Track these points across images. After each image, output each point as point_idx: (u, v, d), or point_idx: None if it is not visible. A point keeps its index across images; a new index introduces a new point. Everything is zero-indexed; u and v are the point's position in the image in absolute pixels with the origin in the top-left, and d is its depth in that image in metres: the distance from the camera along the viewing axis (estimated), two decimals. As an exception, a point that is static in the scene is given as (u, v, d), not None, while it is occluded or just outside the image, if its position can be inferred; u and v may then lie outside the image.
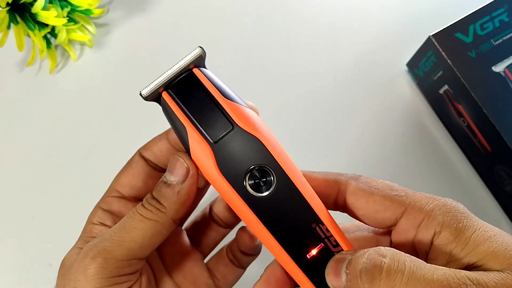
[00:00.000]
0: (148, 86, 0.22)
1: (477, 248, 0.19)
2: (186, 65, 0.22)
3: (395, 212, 0.21)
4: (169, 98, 0.22)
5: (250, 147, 0.21)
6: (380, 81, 0.44)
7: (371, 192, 0.22)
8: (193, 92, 0.22)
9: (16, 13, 0.41)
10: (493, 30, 0.37)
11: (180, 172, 0.22)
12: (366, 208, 0.22)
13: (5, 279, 0.39)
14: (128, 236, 0.22)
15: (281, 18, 0.47)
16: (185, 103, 0.22)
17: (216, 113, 0.22)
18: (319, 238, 0.21)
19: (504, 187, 0.38)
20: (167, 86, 0.22)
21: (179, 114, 0.22)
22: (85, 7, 0.44)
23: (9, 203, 0.41)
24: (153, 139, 0.27)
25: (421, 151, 0.42)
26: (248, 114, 0.22)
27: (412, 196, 0.21)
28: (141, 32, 0.47)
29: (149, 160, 0.27)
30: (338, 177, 0.23)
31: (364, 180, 0.22)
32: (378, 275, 0.18)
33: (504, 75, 0.37)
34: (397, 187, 0.22)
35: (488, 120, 0.36)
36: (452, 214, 0.20)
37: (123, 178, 0.27)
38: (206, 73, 0.23)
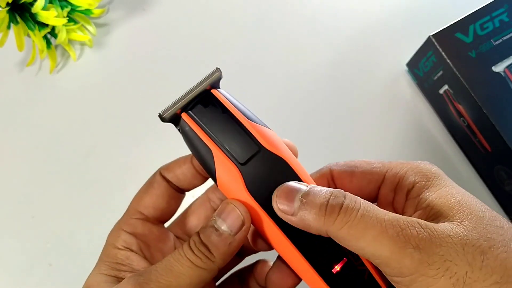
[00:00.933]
0: (168, 108, 0.22)
1: (435, 202, 0.20)
2: (205, 86, 0.22)
3: (377, 182, 0.23)
4: (190, 119, 0.22)
5: (276, 168, 0.22)
6: (380, 81, 0.44)
7: (351, 171, 0.23)
8: (214, 113, 0.22)
9: (16, 13, 0.41)
10: (493, 30, 0.37)
11: (235, 224, 0.21)
12: (351, 187, 0.23)
13: (5, 279, 0.39)
14: (175, 282, 0.21)
15: (280, 18, 0.47)
16: (208, 124, 0.22)
17: (242, 135, 0.22)
18: (342, 253, 0.22)
19: (504, 187, 0.38)
20: (186, 107, 0.22)
21: (203, 136, 0.22)
22: (85, 7, 0.44)
23: (9, 203, 0.41)
24: (176, 161, 0.27)
25: (421, 151, 0.42)
26: (271, 135, 0.22)
27: (388, 165, 0.23)
28: (141, 32, 0.47)
29: (170, 181, 0.26)
30: (322, 170, 0.24)
31: (343, 163, 0.24)
32: (337, 210, 0.19)
33: (504, 75, 0.36)
34: (373, 161, 0.23)
35: (488, 120, 0.36)
36: (423, 173, 0.21)
37: (146, 199, 0.26)
38: (225, 94, 0.23)
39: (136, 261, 0.24)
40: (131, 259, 0.24)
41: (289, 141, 0.24)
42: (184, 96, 0.22)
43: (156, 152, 0.42)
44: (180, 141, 0.44)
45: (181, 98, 0.22)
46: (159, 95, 0.44)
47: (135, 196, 0.27)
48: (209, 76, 0.22)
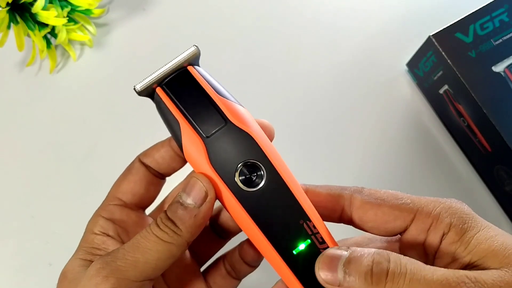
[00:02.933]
0: (142, 81, 0.23)
1: (478, 247, 0.20)
2: (181, 63, 0.23)
3: (405, 220, 0.21)
4: (163, 93, 0.22)
5: (242, 142, 0.22)
6: (380, 81, 0.44)
7: (378, 204, 0.22)
8: (187, 88, 0.22)
9: (16, 13, 0.41)
10: (493, 30, 0.37)
11: (198, 195, 0.21)
12: (375, 221, 0.22)
13: (5, 279, 0.39)
14: (142, 258, 0.21)
15: (280, 18, 0.47)
16: (179, 98, 0.22)
17: (210, 109, 0.22)
18: (306, 235, 0.21)
19: (504, 187, 0.38)
20: (161, 82, 0.23)
21: (172, 108, 0.22)
22: (85, 7, 0.44)
23: (9, 203, 0.41)
24: (154, 146, 0.27)
25: (421, 151, 0.42)
26: (240, 111, 0.22)
27: (418, 201, 0.22)
28: (141, 32, 0.47)
29: (149, 167, 0.26)
30: (341, 191, 0.23)
31: (368, 192, 0.23)
32: (384, 278, 0.18)
33: (504, 75, 0.36)
34: (401, 195, 0.22)
35: (488, 120, 0.35)
36: (458, 215, 0.21)
37: (124, 185, 0.26)
38: (200, 71, 0.23)
39: (112, 246, 0.24)
40: (107, 243, 0.24)
41: (265, 120, 0.24)
42: (159, 71, 0.23)
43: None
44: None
45: (156, 73, 0.23)
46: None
47: (114, 183, 0.27)
48: (186, 52, 0.23)
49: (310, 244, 0.21)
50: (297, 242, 0.21)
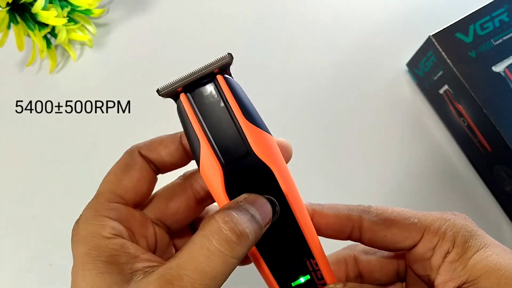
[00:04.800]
0: (168, 84, 0.21)
1: (474, 267, 0.21)
2: (211, 69, 0.21)
3: (414, 240, 0.22)
4: (187, 102, 0.21)
5: (261, 177, 0.21)
6: (380, 81, 0.44)
7: (387, 225, 0.22)
8: (213, 102, 0.21)
9: (16, 13, 0.41)
10: (493, 30, 0.37)
11: (266, 218, 0.20)
12: (385, 241, 0.23)
13: (5, 279, 0.39)
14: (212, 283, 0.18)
15: (280, 18, 0.47)
16: (203, 112, 0.21)
17: (234, 133, 0.21)
18: (306, 271, 0.22)
19: (504, 187, 0.38)
20: (187, 87, 0.21)
21: (194, 123, 0.21)
22: (85, 7, 0.44)
23: (9, 203, 0.41)
24: (159, 140, 0.25)
25: (421, 151, 0.42)
26: (266, 141, 0.21)
27: (425, 220, 0.22)
28: (141, 32, 0.47)
29: (151, 162, 0.25)
30: (349, 213, 0.23)
31: (376, 212, 0.23)
32: None
33: (504, 75, 0.37)
34: (408, 214, 0.23)
35: (488, 120, 0.36)
36: (461, 234, 0.22)
37: (126, 182, 0.24)
38: (230, 83, 0.21)
39: (133, 248, 0.21)
40: (127, 247, 0.21)
41: (284, 140, 0.23)
42: (187, 76, 0.21)
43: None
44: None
45: (184, 77, 0.21)
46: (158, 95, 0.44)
47: (109, 178, 0.24)
48: (218, 60, 0.21)
49: (309, 279, 0.22)
50: (297, 275, 0.22)
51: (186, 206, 0.25)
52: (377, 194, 0.40)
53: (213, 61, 0.21)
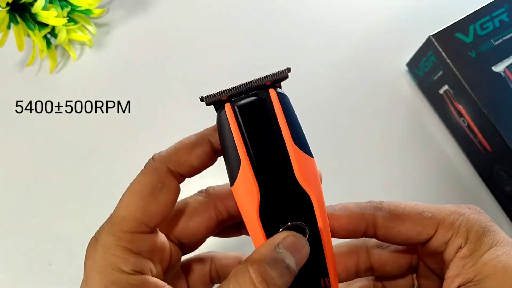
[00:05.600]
0: (214, 93, 0.19)
1: (483, 267, 0.21)
2: (264, 81, 0.20)
3: (428, 234, 0.22)
4: (231, 113, 0.19)
5: (300, 204, 0.20)
6: (380, 81, 0.44)
7: (401, 220, 0.22)
8: (262, 118, 0.19)
9: (16, 13, 0.41)
10: (493, 30, 0.37)
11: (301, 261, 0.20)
12: (399, 237, 0.22)
13: (5, 279, 0.39)
14: None
15: (280, 18, 0.47)
16: (248, 128, 0.19)
17: (280, 157, 0.19)
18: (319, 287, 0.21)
19: (504, 187, 0.38)
20: (234, 97, 0.20)
21: (237, 139, 0.19)
22: (85, 7, 0.44)
23: (9, 203, 0.41)
24: (188, 147, 0.22)
25: (421, 151, 0.42)
26: (310, 168, 0.20)
27: (439, 213, 0.22)
28: (141, 32, 0.47)
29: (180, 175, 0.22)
30: (361, 212, 0.23)
31: (388, 208, 0.22)
32: None
33: (504, 75, 0.36)
34: (422, 208, 0.22)
35: (488, 120, 0.35)
36: (475, 230, 0.21)
37: (154, 208, 0.21)
38: (283, 100, 0.20)
39: (153, 285, 0.20)
40: (146, 284, 0.20)
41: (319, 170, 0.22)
42: (237, 86, 0.19)
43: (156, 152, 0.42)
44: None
45: (233, 87, 0.19)
46: (159, 95, 0.44)
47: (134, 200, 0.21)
48: (274, 73, 0.19)
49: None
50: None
51: (207, 227, 0.24)
52: (377, 194, 0.40)
53: (269, 74, 0.19)
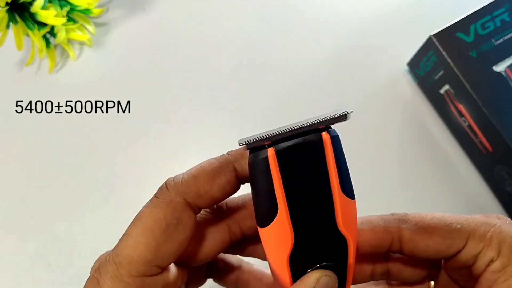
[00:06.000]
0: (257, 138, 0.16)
1: None
2: (317, 124, 0.17)
3: (458, 247, 0.21)
4: (274, 160, 0.16)
5: (335, 247, 0.18)
6: (380, 80, 0.44)
7: (428, 233, 0.21)
8: (309, 165, 0.17)
9: (15, 12, 0.41)
10: (494, 30, 0.37)
11: None
12: (427, 251, 0.21)
13: (5, 279, 0.39)
14: None
15: (281, 18, 0.47)
16: (292, 176, 0.17)
17: (324, 206, 0.17)
18: None
19: (505, 187, 0.38)
20: (279, 142, 0.17)
21: (278, 188, 0.17)
22: (85, 6, 0.44)
23: (9, 203, 0.41)
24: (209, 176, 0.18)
25: (422, 151, 0.42)
26: (352, 213, 0.19)
27: (468, 225, 0.21)
28: (140, 31, 0.47)
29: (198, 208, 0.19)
30: (386, 225, 0.21)
31: (414, 220, 0.21)
32: None
33: (505, 74, 0.36)
34: (450, 219, 0.21)
35: (489, 120, 0.35)
36: (508, 243, 0.20)
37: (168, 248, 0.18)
38: (336, 144, 0.18)
39: None
40: None
41: None
42: (285, 131, 0.16)
43: (156, 152, 0.42)
44: (181, 140, 0.44)
45: (281, 132, 0.16)
46: (159, 95, 0.44)
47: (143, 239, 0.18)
48: (332, 117, 0.17)
49: None
50: None
51: (219, 250, 0.22)
52: (377, 194, 0.40)
53: (327, 116, 0.17)
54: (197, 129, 0.43)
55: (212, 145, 0.42)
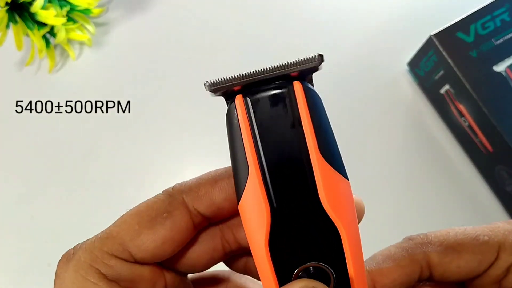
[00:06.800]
0: (223, 78, 0.15)
1: None
2: (289, 71, 0.15)
3: (489, 261, 0.19)
4: (243, 107, 0.15)
5: (323, 236, 0.15)
6: (381, 80, 0.44)
7: (457, 252, 0.18)
8: (281, 118, 0.15)
9: (15, 12, 0.41)
10: (494, 30, 0.37)
11: None
12: (459, 273, 0.19)
13: (4, 279, 0.39)
14: None
15: (281, 18, 0.47)
16: (262, 129, 0.15)
17: (300, 171, 0.15)
18: None
19: (505, 187, 0.38)
20: (248, 88, 0.15)
21: (248, 142, 0.15)
22: (84, 6, 0.44)
23: (9, 203, 0.41)
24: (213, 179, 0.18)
25: (422, 151, 0.42)
26: (341, 191, 0.15)
27: (495, 235, 0.19)
28: (140, 31, 0.47)
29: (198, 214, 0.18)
30: (410, 255, 0.19)
31: (437, 240, 0.19)
32: None
33: (505, 74, 0.36)
34: (475, 231, 0.19)
35: (489, 120, 0.35)
36: None
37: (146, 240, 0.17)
38: (311, 97, 0.15)
39: None
40: None
41: (358, 198, 0.18)
42: (254, 73, 0.15)
43: (156, 152, 0.42)
44: (181, 140, 0.44)
45: (249, 73, 0.15)
46: (159, 95, 0.44)
47: (130, 221, 0.17)
48: (301, 60, 0.15)
49: None
50: None
51: (210, 258, 0.20)
52: (378, 194, 0.40)
53: (295, 60, 0.15)
54: (197, 129, 0.43)
55: (212, 145, 0.42)
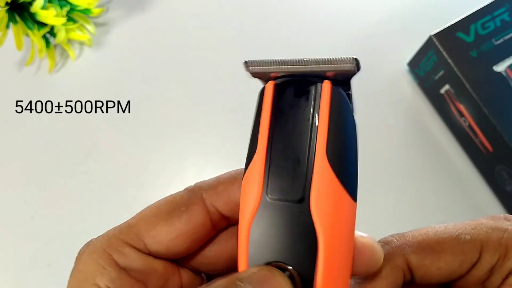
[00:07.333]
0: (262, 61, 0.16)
1: None
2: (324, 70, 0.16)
3: (471, 261, 0.18)
4: (271, 94, 0.16)
5: (300, 241, 0.14)
6: (380, 80, 0.44)
7: (437, 253, 0.18)
8: (301, 110, 0.15)
9: (15, 12, 0.41)
10: (494, 30, 0.37)
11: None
12: (439, 275, 0.18)
13: (4, 279, 0.39)
14: None
15: (280, 18, 0.47)
16: (280, 115, 0.15)
17: (301, 166, 0.14)
18: None
19: (505, 187, 0.38)
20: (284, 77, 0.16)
21: (264, 124, 0.15)
22: (84, 6, 0.44)
23: (9, 203, 0.41)
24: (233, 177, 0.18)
25: (422, 151, 0.42)
26: (337, 202, 0.14)
27: (478, 234, 0.18)
28: (140, 31, 0.47)
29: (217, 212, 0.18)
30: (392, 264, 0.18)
31: (415, 240, 0.18)
32: None
33: (506, 74, 0.36)
34: (456, 230, 0.18)
35: (489, 120, 0.35)
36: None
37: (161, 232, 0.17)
38: (337, 99, 0.16)
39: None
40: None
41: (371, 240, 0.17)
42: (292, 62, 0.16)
43: (156, 152, 0.42)
44: (181, 140, 0.44)
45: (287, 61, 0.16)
46: (159, 95, 0.44)
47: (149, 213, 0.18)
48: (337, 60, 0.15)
49: None
50: None
51: (229, 258, 0.19)
52: (377, 194, 0.40)
53: (333, 58, 0.16)
54: (197, 129, 0.43)
55: (212, 145, 0.42)
